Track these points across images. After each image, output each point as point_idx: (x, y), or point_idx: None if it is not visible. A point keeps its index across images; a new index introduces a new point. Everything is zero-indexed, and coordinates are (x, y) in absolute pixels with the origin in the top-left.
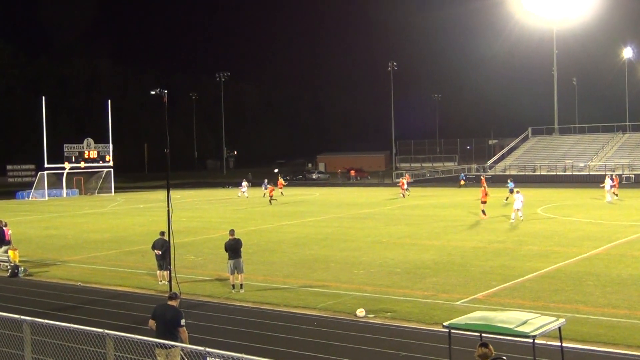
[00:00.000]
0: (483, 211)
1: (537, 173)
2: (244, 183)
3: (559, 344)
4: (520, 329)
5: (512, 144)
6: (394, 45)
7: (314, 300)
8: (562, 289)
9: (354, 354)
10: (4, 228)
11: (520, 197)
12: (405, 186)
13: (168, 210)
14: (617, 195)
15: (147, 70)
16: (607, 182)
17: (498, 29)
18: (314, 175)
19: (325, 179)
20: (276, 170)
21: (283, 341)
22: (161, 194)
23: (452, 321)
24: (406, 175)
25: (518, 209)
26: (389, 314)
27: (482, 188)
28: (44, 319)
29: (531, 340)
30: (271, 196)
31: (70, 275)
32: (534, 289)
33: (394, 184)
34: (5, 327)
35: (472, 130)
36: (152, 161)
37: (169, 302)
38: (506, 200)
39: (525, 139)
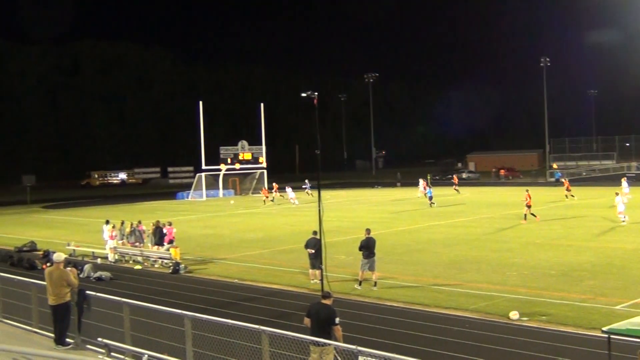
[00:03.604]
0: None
1: None
2: (421, 182)
3: None
4: None
5: None
6: (544, 39)
7: (465, 301)
8: None
9: (507, 358)
10: (167, 228)
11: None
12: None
13: (319, 210)
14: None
15: (297, 75)
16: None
17: None
18: (464, 175)
19: (475, 178)
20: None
21: (434, 342)
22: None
23: (612, 326)
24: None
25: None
26: (544, 317)
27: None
28: (203, 314)
29: None
30: (266, 197)
31: (227, 272)
32: None
33: (548, 184)
34: (169, 321)
35: (632, 126)
36: (303, 162)
37: (323, 301)
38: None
39: None
